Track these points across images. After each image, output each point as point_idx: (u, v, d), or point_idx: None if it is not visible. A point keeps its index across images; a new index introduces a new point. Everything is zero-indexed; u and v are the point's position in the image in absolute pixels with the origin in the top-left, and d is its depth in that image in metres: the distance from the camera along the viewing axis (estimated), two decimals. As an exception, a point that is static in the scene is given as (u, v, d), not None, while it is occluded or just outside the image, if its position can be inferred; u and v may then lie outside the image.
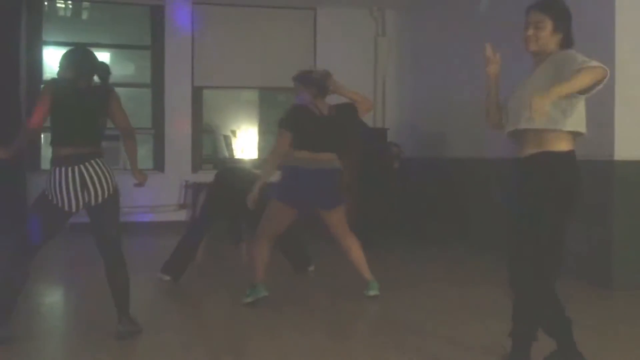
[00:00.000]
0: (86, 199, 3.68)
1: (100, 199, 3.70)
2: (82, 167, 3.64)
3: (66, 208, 3.68)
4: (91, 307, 4.66)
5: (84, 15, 11.15)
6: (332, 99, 4.94)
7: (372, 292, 4.91)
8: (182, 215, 8.59)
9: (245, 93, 10.28)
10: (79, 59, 3.86)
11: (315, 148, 4.71)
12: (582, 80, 2.84)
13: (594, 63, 2.87)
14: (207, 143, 9.71)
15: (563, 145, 3.05)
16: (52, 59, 9.31)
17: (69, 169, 3.63)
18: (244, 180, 5.69)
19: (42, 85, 8.32)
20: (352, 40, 9.35)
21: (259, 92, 10.11)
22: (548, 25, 3.13)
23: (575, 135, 3.09)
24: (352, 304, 4.81)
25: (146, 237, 7.84)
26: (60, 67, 3.85)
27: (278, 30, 9.35)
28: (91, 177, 3.65)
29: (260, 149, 10.09)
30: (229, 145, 9.97)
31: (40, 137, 3.51)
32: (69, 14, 11.01)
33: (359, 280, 4.97)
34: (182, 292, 5.41)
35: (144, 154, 9.26)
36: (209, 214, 5.80)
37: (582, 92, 2.94)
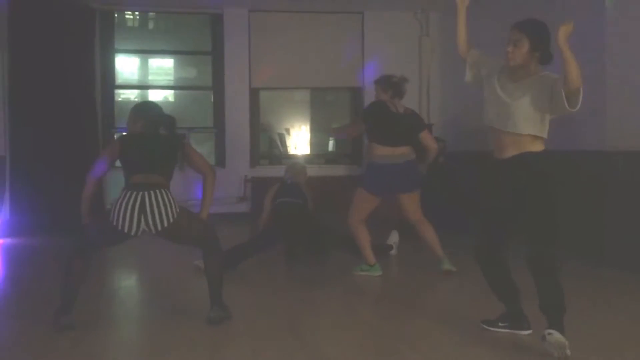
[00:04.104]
0: (143, 224, 3.58)
1: (159, 226, 3.61)
2: (146, 193, 3.58)
3: (119, 228, 3.59)
4: (177, 292, 4.75)
5: (150, 25, 11.43)
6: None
7: (447, 266, 5.16)
8: (241, 207, 8.74)
9: (297, 93, 10.36)
10: (145, 111, 3.90)
11: (395, 143, 5.00)
12: (576, 69, 2.98)
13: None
14: (264, 140, 9.83)
15: (538, 147, 3.25)
16: (122, 65, 9.61)
17: (134, 193, 3.59)
18: (295, 213, 5.74)
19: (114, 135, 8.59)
20: (398, 42, 9.31)
21: (310, 92, 10.19)
22: (525, 44, 3.24)
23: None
24: (412, 297, 4.72)
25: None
26: (129, 119, 3.89)
27: (328, 33, 9.38)
28: (151, 204, 3.57)
29: (312, 145, 10.16)
30: (283, 143, 10.06)
31: (101, 187, 3.41)
32: (136, 24, 11.30)
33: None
34: (244, 281, 5.38)
35: (207, 151, 9.45)
36: (268, 240, 5.68)
37: (568, 97, 3.08)
